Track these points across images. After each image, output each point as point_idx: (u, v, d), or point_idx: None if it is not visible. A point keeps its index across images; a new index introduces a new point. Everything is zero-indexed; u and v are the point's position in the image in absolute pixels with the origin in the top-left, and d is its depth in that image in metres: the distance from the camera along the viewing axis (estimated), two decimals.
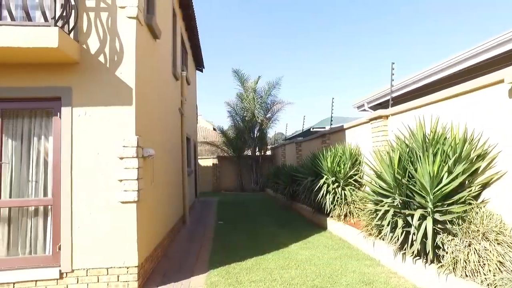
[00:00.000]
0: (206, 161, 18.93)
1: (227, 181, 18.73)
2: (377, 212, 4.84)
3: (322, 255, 5.40)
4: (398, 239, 4.39)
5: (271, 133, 21.32)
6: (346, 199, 7.03)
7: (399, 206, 4.39)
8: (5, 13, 4.07)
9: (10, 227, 4.16)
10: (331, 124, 12.54)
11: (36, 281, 3.95)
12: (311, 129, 14.52)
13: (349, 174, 7.27)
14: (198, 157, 16.99)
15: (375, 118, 6.69)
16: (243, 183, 18.17)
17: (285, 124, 33.93)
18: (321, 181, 7.43)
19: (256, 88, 17.69)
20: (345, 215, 6.91)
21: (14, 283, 3.92)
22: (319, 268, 4.74)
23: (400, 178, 4.44)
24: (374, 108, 10.40)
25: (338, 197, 7.12)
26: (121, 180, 4.06)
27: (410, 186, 4.33)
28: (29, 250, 4.16)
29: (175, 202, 7.21)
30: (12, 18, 3.70)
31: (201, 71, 15.09)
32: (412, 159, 4.59)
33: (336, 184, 7.27)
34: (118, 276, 4.01)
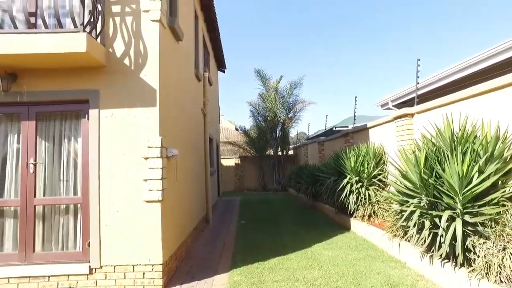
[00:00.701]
0: (229, 161, 19.09)
1: (250, 180, 18.80)
2: (403, 213, 4.71)
3: (345, 255, 5.33)
4: (425, 241, 4.25)
5: (293, 133, 21.21)
6: (370, 199, 6.89)
7: (426, 206, 4.26)
8: (39, 21, 4.28)
9: (45, 223, 4.37)
10: (354, 123, 12.34)
11: (68, 275, 4.13)
12: (334, 128, 14.34)
13: (373, 174, 7.12)
14: (221, 157, 17.17)
15: (400, 117, 6.51)
16: (265, 183, 18.19)
17: (307, 124, 33.80)
18: (344, 181, 7.33)
19: (278, 87, 17.66)
20: (369, 216, 6.77)
21: (49, 276, 4.13)
22: (343, 269, 4.68)
23: (426, 178, 4.30)
24: (399, 106, 10.14)
25: (361, 197, 6.99)
26: (145, 180, 4.16)
27: (438, 186, 4.19)
28: (62, 246, 4.35)
29: (198, 202, 7.31)
30: (46, 26, 3.89)
31: (223, 71, 15.23)
32: (439, 159, 4.44)
33: (360, 184, 7.14)
34: (143, 273, 4.12)
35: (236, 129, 28.63)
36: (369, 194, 6.95)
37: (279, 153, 18.28)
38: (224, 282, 4.32)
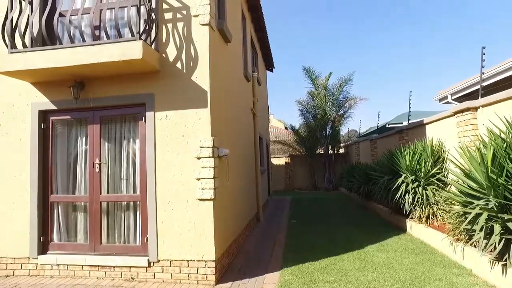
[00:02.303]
0: (279, 160, 19.11)
1: (300, 179, 18.64)
2: (466, 215, 4.35)
3: (401, 259, 5.06)
4: (495, 247, 3.86)
5: (344, 131, 20.66)
6: (428, 200, 6.45)
7: (495, 209, 3.88)
8: (102, 33, 4.66)
9: (109, 218, 4.75)
10: (409, 119, 11.65)
11: (130, 267, 4.45)
12: (387, 125, 13.65)
13: (431, 173, 6.66)
14: (271, 156, 17.25)
15: (462, 111, 6.02)
16: (315, 182, 17.91)
17: (358, 121, 32.47)
18: (399, 180, 6.95)
19: (327, 85, 17.27)
20: (427, 217, 6.35)
21: (114, 267, 4.49)
22: (398, 273, 4.44)
23: (495, 177, 3.92)
24: (460, 100, 9.36)
25: (418, 197, 6.57)
26: (198, 179, 4.33)
27: (509, 186, 3.80)
28: (124, 240, 4.70)
29: (249, 200, 7.43)
30: (108, 37, 4.23)
31: (272, 71, 15.28)
32: (510, 156, 4.02)
33: (416, 183, 6.72)
34: (197, 269, 4.29)
35: (286, 128, 28.52)
36: (426, 194, 6.52)
37: (330, 151, 17.88)
38: (275, 281, 4.34)
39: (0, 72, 4.40)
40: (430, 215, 6.33)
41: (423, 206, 6.45)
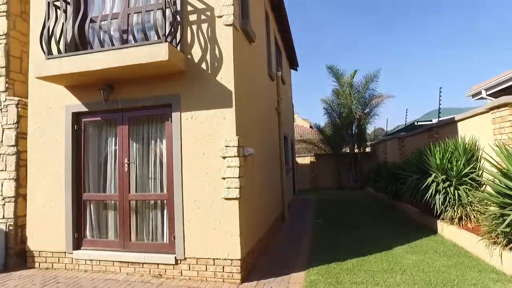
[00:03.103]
0: (304, 159, 18.97)
1: (325, 179, 18.41)
2: (504, 217, 4.14)
3: (432, 261, 4.88)
4: None
5: (370, 129, 20.19)
6: (461, 200, 6.18)
7: None
8: (130, 37, 4.81)
9: (137, 216, 4.90)
10: (439, 117, 11.22)
11: (158, 264, 4.57)
12: (416, 123, 13.22)
13: (463, 172, 6.37)
14: (296, 155, 17.14)
15: (498, 107, 5.72)
16: (341, 181, 17.64)
17: (385, 119, 31.71)
18: (429, 180, 6.70)
19: (352, 82, 16.95)
20: (460, 218, 6.09)
21: (143, 263, 4.63)
22: (429, 276, 4.29)
23: None
24: (495, 95, 8.89)
25: (450, 198, 6.31)
26: (224, 178, 4.37)
27: None
28: (151, 237, 4.83)
29: (274, 200, 7.42)
30: (135, 40, 4.37)
31: (296, 69, 15.19)
32: None
33: (447, 183, 6.46)
34: (223, 267, 4.34)
35: (311, 127, 28.29)
36: (459, 194, 6.25)
37: (356, 150, 17.54)
38: (300, 281, 4.32)
39: (39, 77, 4.68)
40: (463, 216, 6.06)
41: (455, 207, 6.19)
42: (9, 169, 5.24)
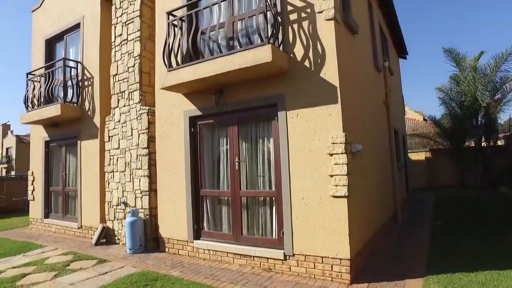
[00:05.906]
0: (417, 155, 17.22)
1: (443, 176, 16.32)
2: None
3: None
4: None
5: (503, 119, 17.05)
6: None
7: None
8: (235, 43, 5.14)
9: (248, 212, 5.20)
10: None
11: (267, 258, 4.76)
12: None
13: None
14: (408, 151, 15.69)
15: None
16: (464, 179, 15.35)
17: None
18: None
19: (476, 66, 14.55)
20: None
21: (254, 257, 4.90)
22: None
23: None
24: None
25: None
26: (331, 176, 4.28)
27: None
28: (261, 232, 5.06)
29: (385, 198, 6.94)
30: (240, 46, 4.66)
31: (405, 58, 13.86)
32: None
33: None
34: (331, 266, 4.25)
35: (424, 120, 25.46)
36: None
37: (483, 143, 15.01)
38: None
39: (163, 88, 5.43)
40: None
41: None
42: (144, 167, 6.23)
